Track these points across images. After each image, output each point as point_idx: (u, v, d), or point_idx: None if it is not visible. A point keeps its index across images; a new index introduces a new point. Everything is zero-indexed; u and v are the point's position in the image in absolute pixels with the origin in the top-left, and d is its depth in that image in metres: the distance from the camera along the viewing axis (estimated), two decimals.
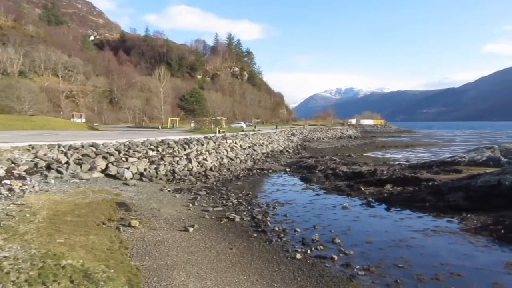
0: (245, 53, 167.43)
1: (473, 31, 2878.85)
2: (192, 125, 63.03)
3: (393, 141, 72.31)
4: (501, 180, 16.37)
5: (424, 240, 11.63)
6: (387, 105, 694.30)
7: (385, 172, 23.82)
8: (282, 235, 12.06)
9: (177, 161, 25.02)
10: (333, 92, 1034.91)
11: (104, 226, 11.15)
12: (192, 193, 18.59)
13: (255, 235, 12.17)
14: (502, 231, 11.84)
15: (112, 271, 7.29)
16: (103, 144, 23.67)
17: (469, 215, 14.04)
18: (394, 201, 16.99)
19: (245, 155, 34.10)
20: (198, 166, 25.88)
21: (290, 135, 63.86)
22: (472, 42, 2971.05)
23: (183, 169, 24.36)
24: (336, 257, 9.95)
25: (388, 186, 20.16)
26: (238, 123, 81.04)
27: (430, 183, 19.56)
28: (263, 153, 38.59)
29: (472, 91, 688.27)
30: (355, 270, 9.14)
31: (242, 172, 27.00)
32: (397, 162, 33.34)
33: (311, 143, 64.43)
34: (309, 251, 10.47)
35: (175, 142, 28.10)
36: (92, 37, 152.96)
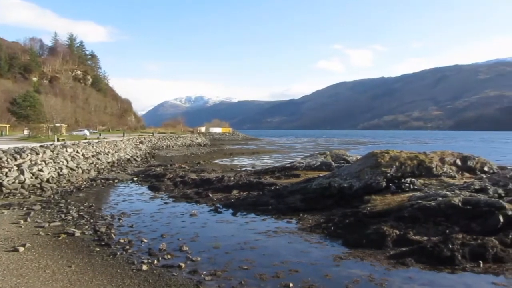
0: (89, 56, 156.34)
1: (309, 48, 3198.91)
2: (26, 132, 57.36)
3: (240, 149, 75.49)
4: (331, 182, 18.41)
5: (266, 241, 12.32)
6: (235, 113, 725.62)
7: (232, 178, 24.69)
8: (127, 247, 11.52)
9: (6, 173, 22.13)
10: (183, 100, 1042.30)
11: None
12: (24, 208, 16.65)
13: (98, 249, 11.39)
14: (332, 228, 13.26)
15: None
16: None
17: (305, 215, 15.34)
18: (240, 206, 17.65)
19: (88, 165, 31.87)
20: (32, 178, 23.26)
21: (138, 143, 61.75)
22: (309, 58, 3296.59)
23: (13, 182, 21.66)
24: (183, 265, 9.89)
25: (235, 192, 20.93)
26: (81, 131, 75.75)
27: (272, 187, 20.89)
28: (108, 162, 36.58)
29: (309, 102, 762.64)
30: (202, 276, 9.21)
31: (85, 182, 25.19)
32: (244, 169, 34.86)
33: (160, 151, 63.47)
34: (156, 261, 10.20)
35: (3, 152, 24.77)
36: None
